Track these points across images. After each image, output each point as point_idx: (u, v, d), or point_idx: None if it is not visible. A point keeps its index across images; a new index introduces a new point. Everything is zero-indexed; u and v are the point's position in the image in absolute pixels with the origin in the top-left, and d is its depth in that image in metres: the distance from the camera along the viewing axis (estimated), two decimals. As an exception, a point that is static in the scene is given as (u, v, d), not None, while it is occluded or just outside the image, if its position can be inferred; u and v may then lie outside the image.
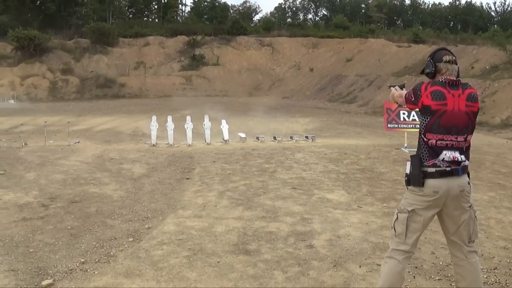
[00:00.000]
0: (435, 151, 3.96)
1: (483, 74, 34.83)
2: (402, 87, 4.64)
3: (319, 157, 13.79)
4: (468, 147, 4.04)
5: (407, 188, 4.12)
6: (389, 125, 14.95)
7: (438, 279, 5.17)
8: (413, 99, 4.10)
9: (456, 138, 3.95)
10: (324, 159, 13.35)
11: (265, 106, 40.09)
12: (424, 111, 3.99)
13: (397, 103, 4.66)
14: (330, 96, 49.91)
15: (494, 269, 5.48)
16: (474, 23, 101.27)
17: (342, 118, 31.85)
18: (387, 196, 9.02)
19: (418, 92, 4.02)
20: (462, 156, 3.98)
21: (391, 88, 4.70)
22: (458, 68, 4.10)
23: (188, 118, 17.51)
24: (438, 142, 3.94)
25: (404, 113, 14.74)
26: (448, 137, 3.93)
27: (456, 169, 3.94)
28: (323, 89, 53.86)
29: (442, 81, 3.98)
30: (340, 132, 22.68)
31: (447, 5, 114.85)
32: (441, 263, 5.57)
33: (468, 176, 4.07)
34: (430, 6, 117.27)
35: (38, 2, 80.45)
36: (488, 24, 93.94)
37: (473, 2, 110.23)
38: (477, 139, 17.94)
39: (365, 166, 12.40)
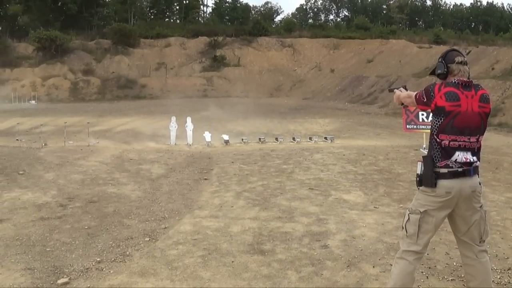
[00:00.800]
0: (448, 152, 3.94)
1: (504, 75, 34.47)
2: (405, 88, 4.63)
3: (337, 158, 13.77)
4: (479, 148, 4.03)
5: (418, 188, 4.13)
6: (407, 126, 14.84)
7: (451, 280, 5.15)
8: (425, 100, 4.07)
9: (469, 139, 3.94)
10: (342, 160, 13.34)
11: (286, 107, 40.07)
12: (438, 112, 3.97)
13: (402, 104, 4.63)
14: (351, 97, 49.74)
15: (508, 269, 5.44)
16: (495, 24, 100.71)
17: (362, 119, 31.71)
18: (403, 197, 8.99)
19: (431, 93, 3.99)
20: (474, 157, 3.97)
21: (395, 90, 4.69)
22: (469, 69, 4.09)
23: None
24: (451, 143, 3.93)
25: (422, 114, 14.62)
26: (461, 138, 3.92)
27: (468, 170, 3.93)
28: (344, 90, 53.70)
29: (455, 82, 3.96)
30: (359, 133, 22.60)
31: (469, 6, 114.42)
32: (454, 264, 5.54)
33: (478, 176, 4.06)
34: (451, 7, 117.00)
35: (60, 3, 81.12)
36: (509, 25, 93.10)
37: (494, 3, 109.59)
38: (496, 140, 17.81)
39: (383, 167, 12.36)
